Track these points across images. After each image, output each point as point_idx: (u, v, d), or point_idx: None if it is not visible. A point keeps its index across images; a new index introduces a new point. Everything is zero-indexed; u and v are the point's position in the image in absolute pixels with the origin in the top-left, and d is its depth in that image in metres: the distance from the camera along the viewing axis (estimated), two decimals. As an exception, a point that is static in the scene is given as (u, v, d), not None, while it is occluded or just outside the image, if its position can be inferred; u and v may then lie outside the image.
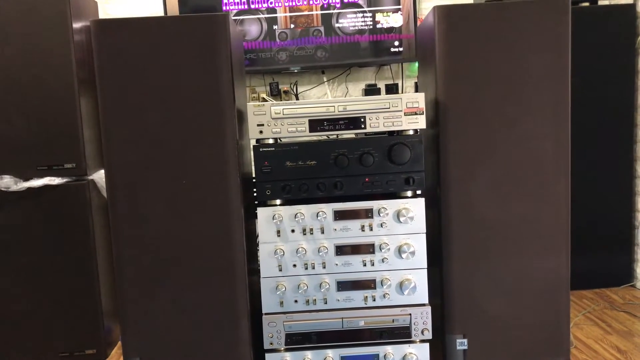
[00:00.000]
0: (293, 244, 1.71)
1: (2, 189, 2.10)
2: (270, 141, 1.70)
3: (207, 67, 1.62)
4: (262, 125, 1.68)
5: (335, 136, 1.80)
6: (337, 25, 2.90)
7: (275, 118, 1.67)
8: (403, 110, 1.67)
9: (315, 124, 1.68)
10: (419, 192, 1.72)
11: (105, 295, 2.26)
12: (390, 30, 2.91)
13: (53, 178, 2.13)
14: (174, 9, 2.84)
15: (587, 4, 2.75)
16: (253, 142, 1.73)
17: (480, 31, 1.68)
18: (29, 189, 2.11)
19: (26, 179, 2.12)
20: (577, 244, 2.46)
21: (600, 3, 2.79)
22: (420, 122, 1.68)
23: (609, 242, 2.78)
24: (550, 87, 1.69)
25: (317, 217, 1.69)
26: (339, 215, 1.70)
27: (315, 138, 1.79)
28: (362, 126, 1.68)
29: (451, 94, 1.70)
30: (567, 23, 1.67)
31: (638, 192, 2.77)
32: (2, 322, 2.21)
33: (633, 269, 2.81)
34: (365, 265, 1.72)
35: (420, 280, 1.72)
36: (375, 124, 1.68)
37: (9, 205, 2.14)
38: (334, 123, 1.68)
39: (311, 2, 2.88)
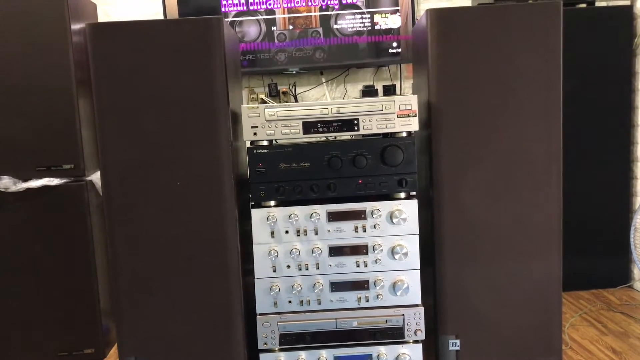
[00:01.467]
0: (287, 245, 1.73)
1: (1, 189, 2.12)
2: (265, 143, 1.72)
3: (201, 69, 1.63)
4: (257, 127, 1.69)
5: (332, 137, 1.81)
6: (335, 26, 2.91)
7: (269, 120, 1.68)
8: (396, 112, 1.68)
9: (309, 126, 1.69)
10: (411, 193, 1.74)
11: (103, 295, 2.28)
12: (389, 31, 2.92)
13: (52, 179, 2.14)
14: (173, 9, 2.85)
15: (584, 5, 2.75)
16: (248, 144, 1.74)
17: (472, 34, 1.69)
18: (28, 190, 2.13)
19: (25, 180, 2.14)
20: (575, 245, 2.47)
21: (597, 4, 2.79)
22: (413, 124, 1.69)
23: (606, 243, 2.78)
24: (542, 89, 1.70)
25: (310, 218, 1.71)
26: (333, 217, 1.72)
27: (309, 140, 1.80)
28: (356, 128, 1.69)
29: (444, 96, 1.71)
30: (559, 26, 1.68)
31: (636, 193, 2.77)
32: (1, 321, 2.23)
33: (630, 270, 2.81)
34: (358, 266, 1.73)
35: (413, 281, 1.73)
36: (369, 126, 1.69)
37: (8, 206, 2.16)
38: (327, 125, 1.70)
39: (310, 4, 2.89)
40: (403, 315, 1.73)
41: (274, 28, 2.90)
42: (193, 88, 1.64)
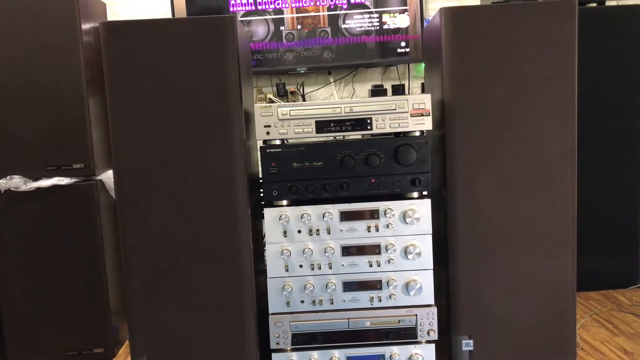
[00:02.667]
0: (299, 244, 1.72)
1: (12, 189, 2.12)
2: (277, 142, 1.71)
3: (214, 68, 1.63)
4: (269, 126, 1.68)
5: (341, 137, 1.80)
6: (343, 26, 2.91)
7: (282, 119, 1.68)
8: (409, 111, 1.68)
9: (322, 125, 1.69)
10: (425, 193, 1.73)
11: (113, 295, 2.27)
12: (397, 30, 2.91)
13: (62, 178, 2.14)
14: (181, 10, 2.85)
15: (594, 4, 2.74)
16: (260, 143, 1.74)
17: (486, 33, 1.68)
18: (38, 189, 2.13)
19: (35, 179, 2.13)
20: (584, 245, 2.45)
21: (607, 4, 2.78)
22: (427, 124, 1.68)
23: (616, 244, 2.76)
24: (557, 88, 1.69)
25: (323, 217, 1.70)
26: (345, 216, 1.71)
27: (321, 139, 1.79)
28: (369, 127, 1.69)
29: (457, 95, 1.70)
30: (574, 24, 1.67)
31: (645, 193, 2.76)
32: (11, 320, 2.23)
33: (640, 271, 2.80)
34: (371, 266, 1.72)
35: (426, 281, 1.72)
36: (382, 125, 1.68)
37: (18, 205, 2.16)
38: (340, 124, 1.69)
39: (318, 3, 2.89)
40: (416, 315, 1.72)
41: (282, 28, 2.90)
42: (206, 87, 1.63)
